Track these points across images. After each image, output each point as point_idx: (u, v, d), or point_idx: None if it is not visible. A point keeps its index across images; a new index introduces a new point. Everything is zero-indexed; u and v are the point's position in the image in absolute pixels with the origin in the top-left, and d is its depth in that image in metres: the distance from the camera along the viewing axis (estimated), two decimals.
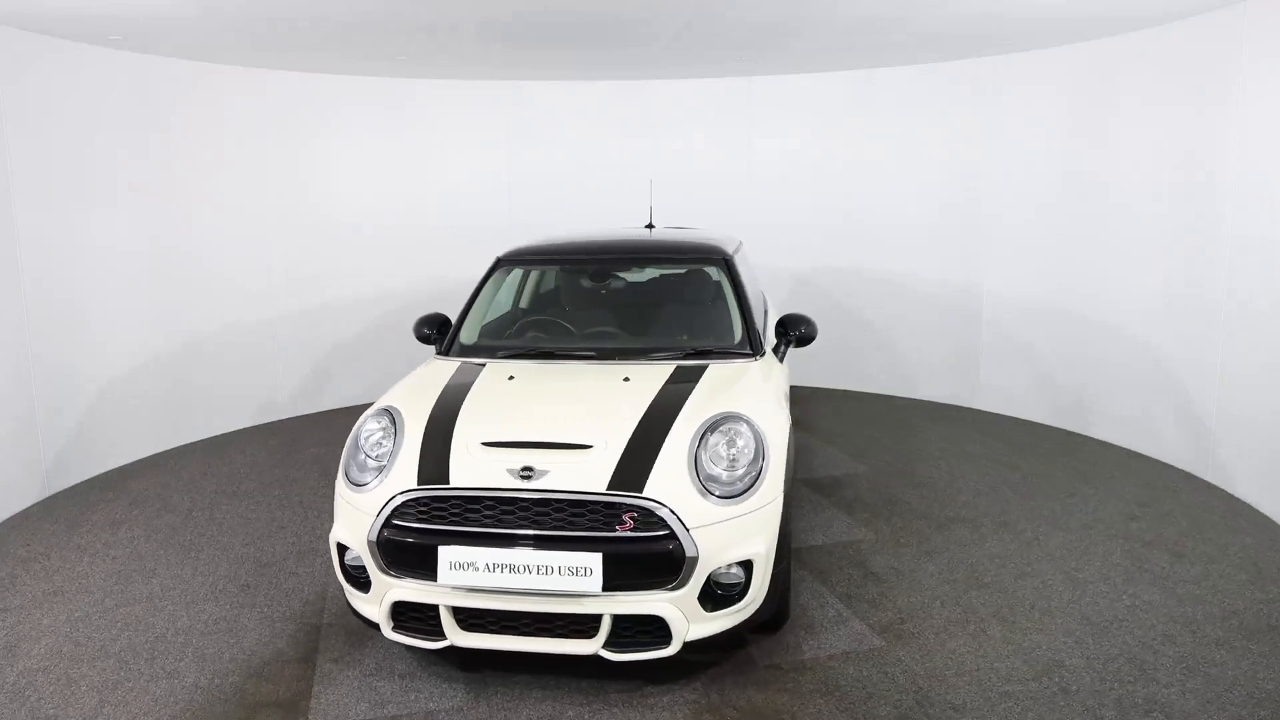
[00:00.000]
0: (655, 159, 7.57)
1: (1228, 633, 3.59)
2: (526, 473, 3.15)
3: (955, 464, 5.71)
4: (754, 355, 4.10)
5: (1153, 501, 5.02)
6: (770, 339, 4.52)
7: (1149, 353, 5.77)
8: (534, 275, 5.10)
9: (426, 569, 3.11)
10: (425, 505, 3.17)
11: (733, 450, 3.30)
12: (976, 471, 5.57)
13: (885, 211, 7.26)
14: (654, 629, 3.11)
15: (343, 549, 3.34)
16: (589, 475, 3.13)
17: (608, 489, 3.09)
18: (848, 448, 6.10)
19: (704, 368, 3.93)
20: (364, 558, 3.23)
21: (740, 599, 3.18)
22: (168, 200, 6.15)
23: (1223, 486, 5.23)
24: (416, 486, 3.19)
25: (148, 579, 4.23)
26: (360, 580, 3.31)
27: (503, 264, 4.73)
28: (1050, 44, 6.15)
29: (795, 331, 4.41)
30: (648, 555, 3.05)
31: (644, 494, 3.08)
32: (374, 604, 3.26)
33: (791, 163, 7.48)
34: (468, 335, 4.43)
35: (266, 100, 6.66)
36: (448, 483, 3.17)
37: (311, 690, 3.29)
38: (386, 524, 3.17)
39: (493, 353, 4.22)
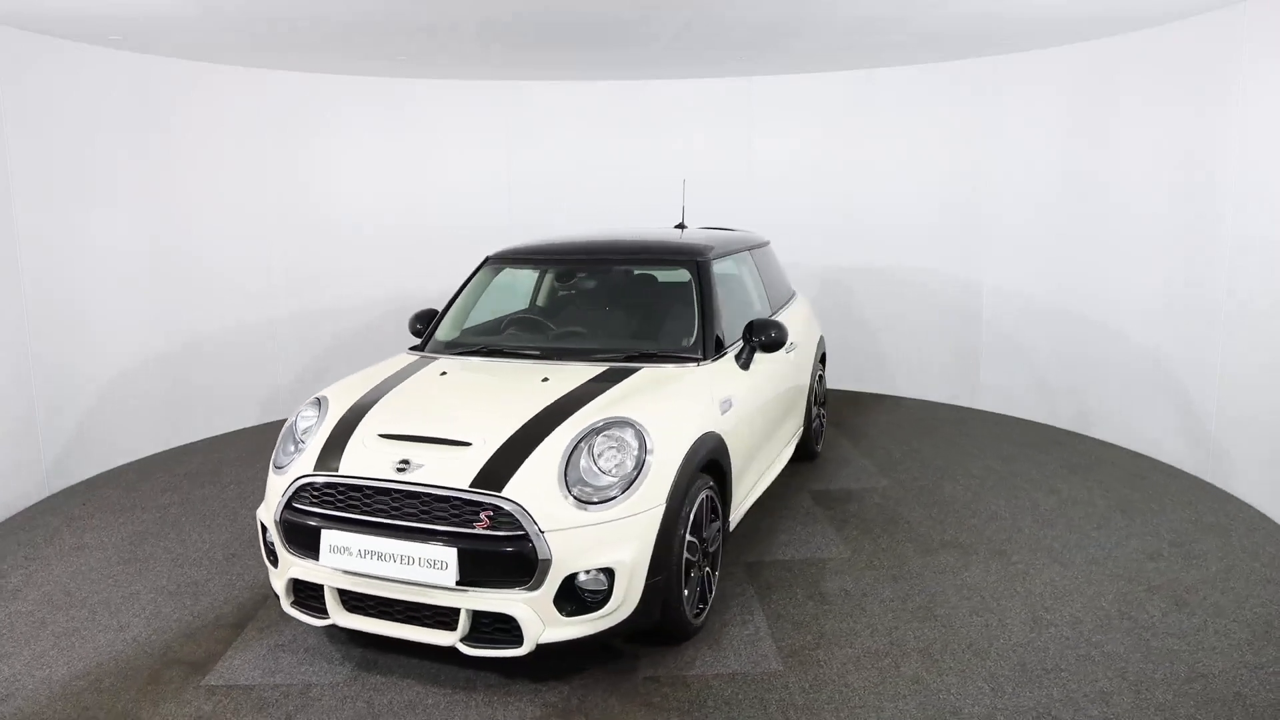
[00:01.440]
0: (655, 159, 7.60)
1: (1178, 698, 3.17)
2: (403, 465, 3.26)
3: (989, 484, 5.35)
4: (700, 360, 4.01)
5: (1189, 541, 4.49)
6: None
7: (1149, 353, 5.77)
8: (523, 275, 5.18)
9: (315, 551, 3.30)
10: (319, 490, 3.35)
11: (608, 456, 3.27)
12: (1007, 493, 5.18)
13: (885, 211, 7.26)
14: (511, 628, 3.14)
15: (264, 527, 3.59)
16: (456, 472, 3.20)
17: (470, 486, 3.15)
18: (883, 459, 5.86)
19: (635, 370, 3.89)
20: (273, 535, 3.46)
21: (602, 606, 3.15)
22: (168, 200, 6.15)
23: (1222, 486, 5.19)
24: (312, 472, 3.38)
25: (144, 547, 4.61)
26: (274, 557, 3.54)
27: (490, 262, 4.85)
28: (1050, 44, 6.14)
29: (759, 337, 4.26)
30: (501, 554, 3.09)
31: (502, 494, 3.11)
32: (279, 580, 3.48)
33: (791, 163, 7.49)
34: (444, 331, 4.58)
35: (266, 100, 6.67)
36: (337, 470, 3.34)
37: (224, 654, 3.55)
38: (287, 505, 3.39)
39: (453, 349, 4.36)
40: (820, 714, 3.11)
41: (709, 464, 3.68)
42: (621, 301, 4.74)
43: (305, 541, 3.33)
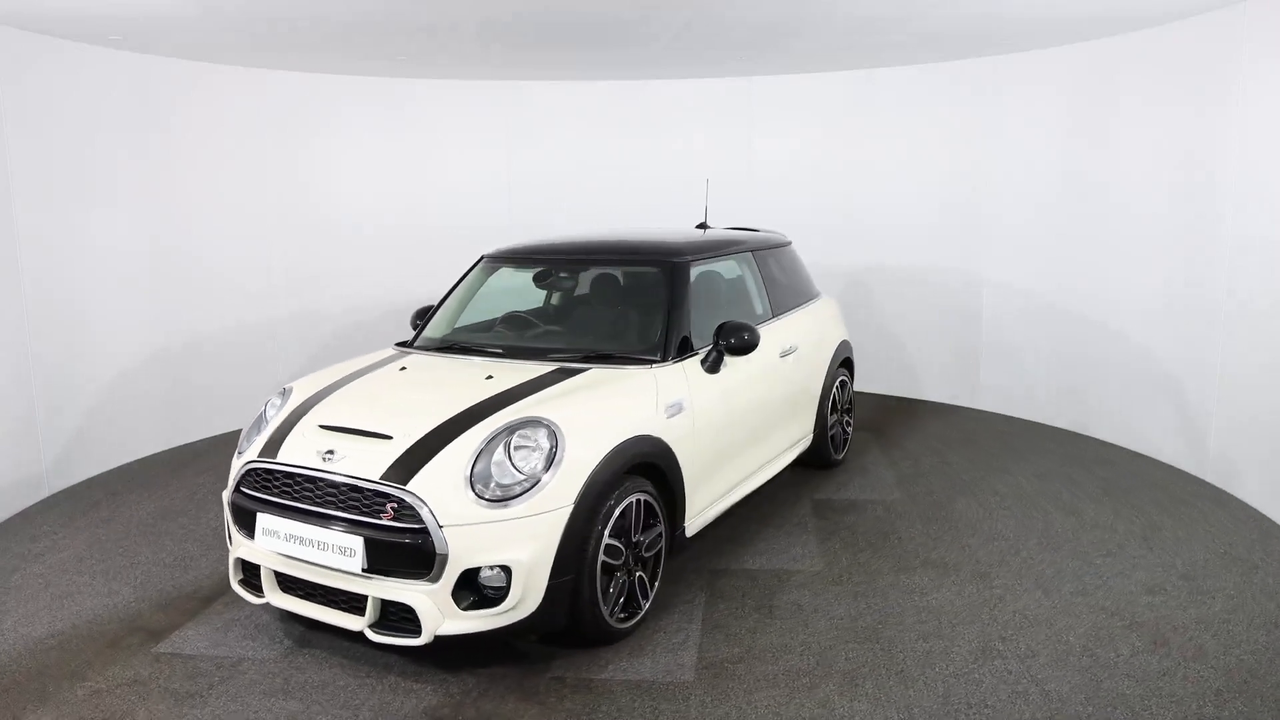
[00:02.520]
0: (655, 159, 7.58)
1: None
2: (328, 456, 3.41)
3: (1009, 502, 5.06)
4: (655, 362, 3.98)
5: (1204, 575, 4.12)
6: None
7: (1149, 352, 5.75)
8: (517, 274, 5.20)
9: (254, 532, 3.49)
10: (261, 475, 3.54)
11: (518, 455, 3.31)
12: (1023, 513, 4.89)
13: (885, 211, 7.24)
14: (413, 617, 3.23)
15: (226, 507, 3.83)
16: (370, 464, 3.31)
17: (379, 479, 3.25)
18: (908, 470, 5.67)
19: (583, 371, 3.90)
20: (226, 516, 3.69)
21: (500, 602, 3.19)
22: (168, 200, 6.15)
23: (1223, 487, 5.19)
24: (256, 458, 3.58)
25: (156, 525, 4.93)
26: (232, 537, 3.77)
27: (485, 261, 4.95)
28: (1050, 44, 6.12)
29: (725, 340, 4.18)
30: (403, 546, 3.19)
31: (407, 487, 3.21)
32: (230, 558, 3.70)
33: (791, 163, 7.46)
34: (432, 328, 4.69)
35: (266, 100, 6.66)
36: (275, 458, 3.52)
37: (183, 625, 3.79)
38: (236, 488, 3.60)
39: (430, 345, 4.48)
40: None
41: (645, 467, 3.65)
42: (597, 302, 4.75)
43: (249, 523, 3.53)
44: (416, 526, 3.18)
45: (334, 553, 3.28)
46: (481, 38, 5.45)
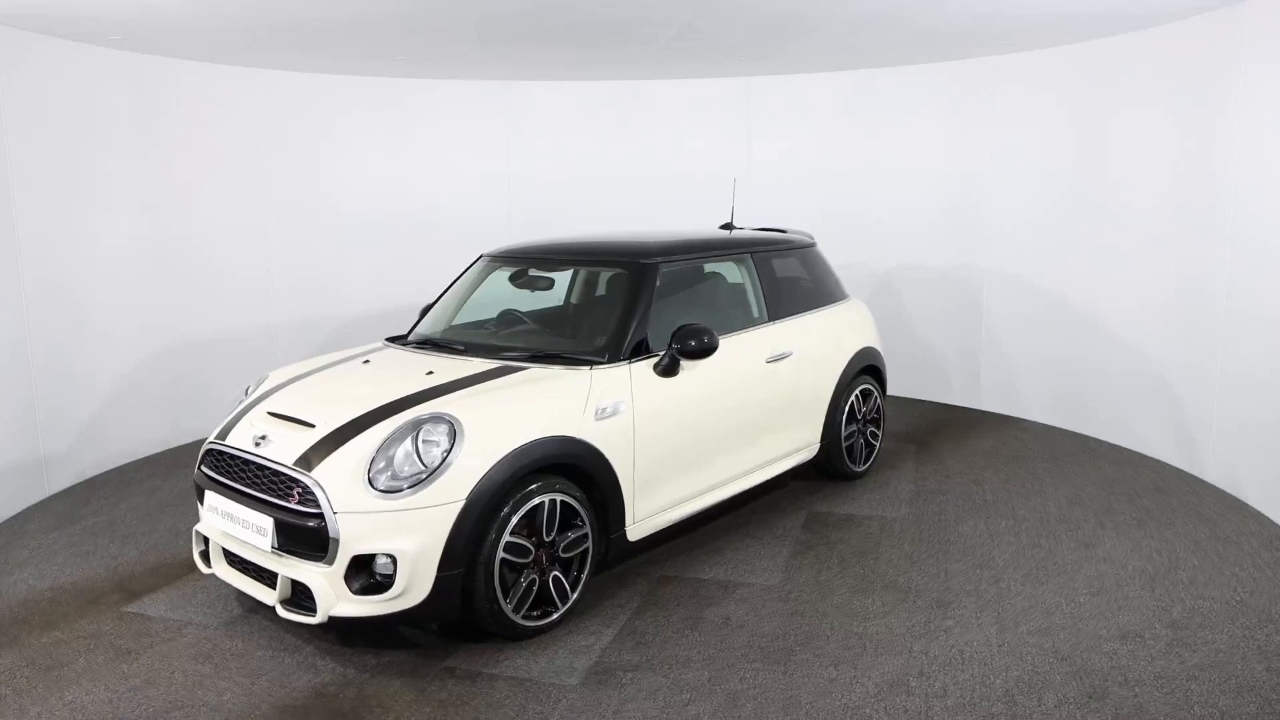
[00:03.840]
0: (656, 159, 7.56)
1: None
2: (260, 440, 3.64)
3: (1023, 528, 4.71)
4: (597, 363, 3.97)
5: (1199, 626, 3.67)
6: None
7: (1148, 353, 5.76)
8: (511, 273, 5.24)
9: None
10: (214, 455, 3.83)
11: (420, 448, 3.40)
12: (1032, 542, 4.55)
13: (885, 211, 7.22)
14: (312, 596, 3.40)
15: None
16: (289, 450, 3.52)
17: (292, 464, 3.45)
18: (930, 487, 5.37)
19: (521, 369, 3.95)
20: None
21: (388, 590, 3.30)
22: (167, 200, 6.14)
23: (1222, 487, 5.20)
24: (213, 440, 3.87)
25: (161, 512, 5.16)
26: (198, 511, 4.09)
27: (483, 260, 5.05)
28: (1050, 44, 6.11)
29: (680, 344, 4.10)
30: (304, 528, 3.38)
31: (310, 473, 3.38)
32: (194, 530, 4.01)
33: (791, 163, 7.42)
34: (423, 325, 4.84)
35: (266, 100, 6.66)
36: (225, 440, 3.80)
37: (159, 588, 4.13)
38: (198, 467, 3.91)
39: (409, 340, 4.65)
40: None
41: (565, 468, 3.67)
42: (576, 302, 4.75)
43: (203, 499, 3.83)
44: (315, 511, 3.35)
45: (253, 531, 3.51)
46: (481, 38, 5.47)
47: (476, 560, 3.42)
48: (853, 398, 5.33)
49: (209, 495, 3.75)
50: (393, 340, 4.70)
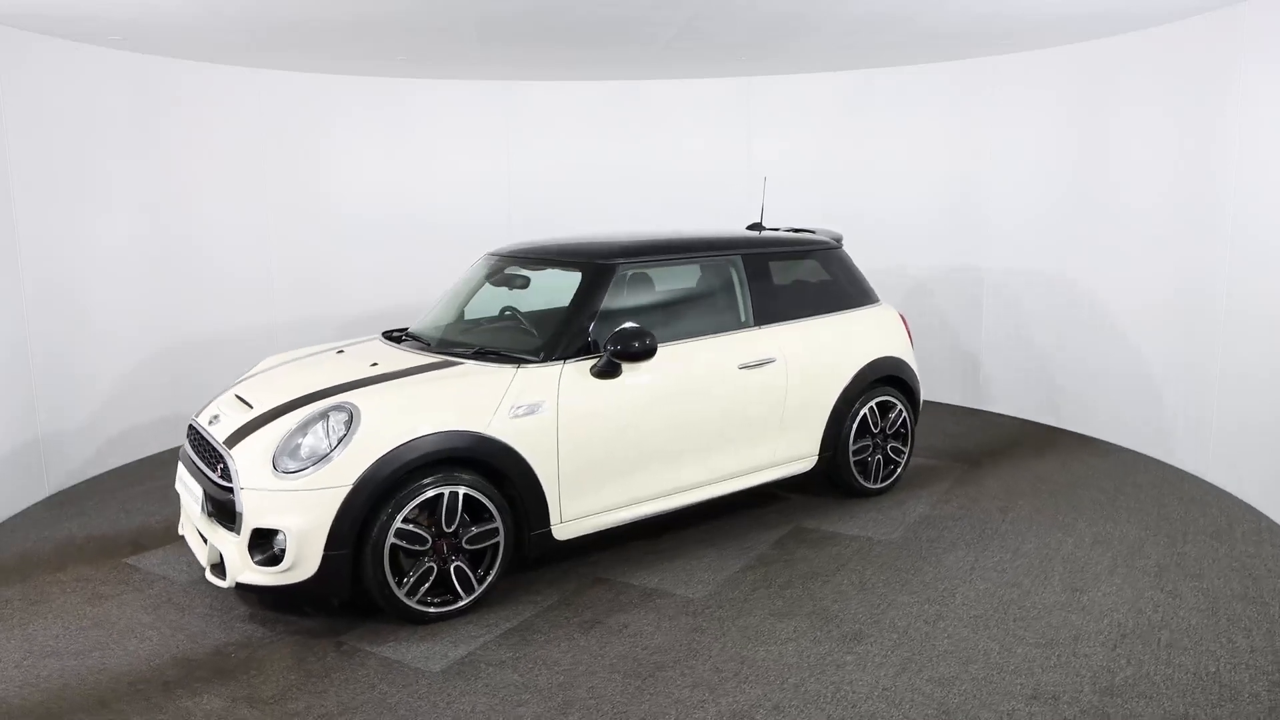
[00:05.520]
0: (656, 159, 7.54)
1: None
2: (214, 419, 4.02)
3: (1011, 568, 4.25)
4: (528, 362, 4.02)
5: (1131, 694, 3.19)
6: None
7: (1148, 352, 5.76)
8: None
9: None
10: (190, 430, 4.27)
11: (317, 433, 3.63)
12: (1013, 582, 4.12)
13: (885, 211, 7.19)
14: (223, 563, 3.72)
15: None
16: (226, 428, 3.88)
17: (222, 441, 3.79)
18: (947, 512, 4.97)
19: (455, 365, 4.07)
20: None
21: (279, 563, 3.55)
22: (168, 201, 6.15)
23: (1222, 486, 5.19)
24: (194, 418, 4.31)
25: (160, 500, 5.40)
26: None
27: (484, 258, 5.17)
28: (1049, 44, 6.11)
29: (614, 346, 4.06)
30: (220, 500, 3.71)
31: (230, 450, 3.70)
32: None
33: (791, 163, 7.38)
34: (419, 320, 5.02)
35: (266, 100, 6.65)
36: (197, 418, 4.22)
37: (162, 546, 4.57)
38: (187, 441, 4.37)
39: (393, 335, 4.84)
40: (395, 712, 3.15)
41: (473, 463, 3.76)
42: (542, 301, 4.74)
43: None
44: (229, 485, 3.66)
45: (193, 500, 3.88)
46: (481, 38, 5.48)
47: (365, 543, 3.59)
48: (865, 410, 5.00)
49: (179, 467, 4.18)
50: (386, 334, 4.96)
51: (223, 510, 3.72)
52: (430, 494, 3.68)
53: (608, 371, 4.12)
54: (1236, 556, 4.29)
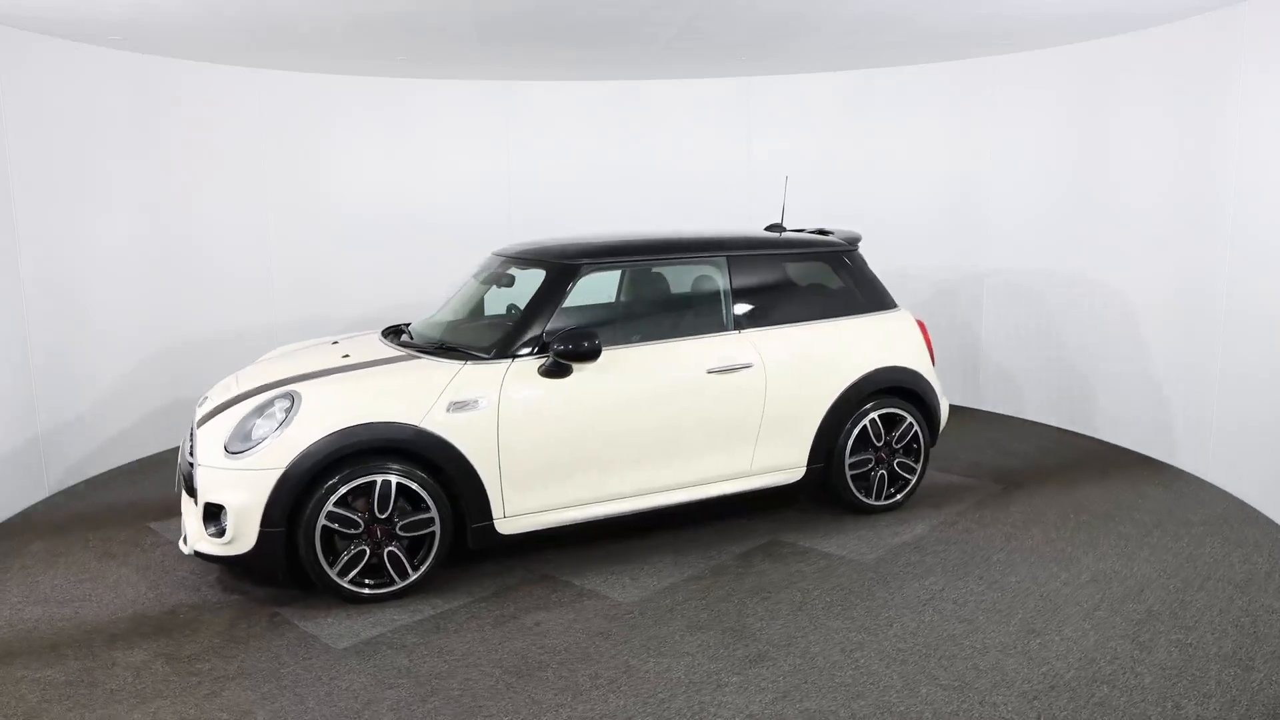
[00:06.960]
0: (655, 159, 7.52)
1: None
2: (203, 401, 4.39)
3: (984, 601, 3.92)
4: (472, 359, 4.12)
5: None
6: None
7: (1149, 352, 5.73)
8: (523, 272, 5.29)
9: None
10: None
11: (264, 417, 3.89)
12: (970, 613, 3.82)
13: (885, 211, 7.17)
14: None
15: None
16: (204, 410, 4.21)
17: (196, 422, 4.13)
18: (954, 536, 4.65)
19: (410, 360, 4.22)
20: None
21: (224, 535, 3.83)
22: (168, 200, 6.15)
23: (1222, 486, 5.16)
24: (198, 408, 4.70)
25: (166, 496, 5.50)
26: None
27: (492, 257, 5.25)
28: (1049, 44, 6.09)
29: (558, 346, 4.07)
30: (188, 475, 4.03)
31: (198, 429, 4.05)
32: None
33: (791, 163, 7.30)
34: (422, 317, 5.20)
35: (266, 100, 6.65)
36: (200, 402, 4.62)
37: (168, 517, 4.96)
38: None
39: (389, 331, 4.99)
40: (279, 681, 3.34)
41: (412, 455, 3.89)
42: (516, 301, 4.77)
43: None
44: (193, 461, 3.99)
45: (179, 473, 4.26)
46: (481, 38, 5.48)
47: (298, 523, 3.81)
48: (866, 421, 4.73)
49: (182, 444, 4.58)
50: (389, 329, 5.16)
51: (188, 484, 4.06)
52: (361, 480, 3.84)
53: (555, 371, 4.13)
54: (1252, 612, 3.72)
